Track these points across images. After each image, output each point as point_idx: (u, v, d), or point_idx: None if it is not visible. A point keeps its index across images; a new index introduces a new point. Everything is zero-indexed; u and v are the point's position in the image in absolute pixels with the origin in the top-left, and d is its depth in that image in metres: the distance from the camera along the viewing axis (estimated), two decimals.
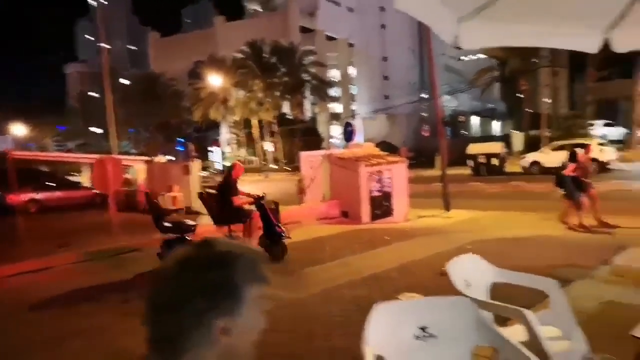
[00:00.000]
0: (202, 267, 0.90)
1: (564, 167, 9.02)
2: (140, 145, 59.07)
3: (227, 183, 7.40)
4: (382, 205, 11.52)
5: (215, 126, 54.66)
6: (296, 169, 38.26)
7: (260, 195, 7.44)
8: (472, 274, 2.61)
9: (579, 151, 9.25)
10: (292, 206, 12.24)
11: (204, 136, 56.44)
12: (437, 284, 5.31)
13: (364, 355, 1.73)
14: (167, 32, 77.57)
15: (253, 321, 0.94)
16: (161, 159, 19.42)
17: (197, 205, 15.91)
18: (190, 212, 15.00)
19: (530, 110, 36.44)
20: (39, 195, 18.10)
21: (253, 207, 7.23)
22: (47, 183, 19.64)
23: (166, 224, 7.08)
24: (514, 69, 34.77)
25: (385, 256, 6.94)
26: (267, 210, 7.25)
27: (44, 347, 4.28)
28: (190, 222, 7.33)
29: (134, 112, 53.38)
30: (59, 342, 4.37)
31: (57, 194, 19.01)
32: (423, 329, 1.91)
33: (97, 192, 19.31)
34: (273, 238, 7.05)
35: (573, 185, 8.63)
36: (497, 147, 24.34)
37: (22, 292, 6.35)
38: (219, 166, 49.50)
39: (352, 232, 9.37)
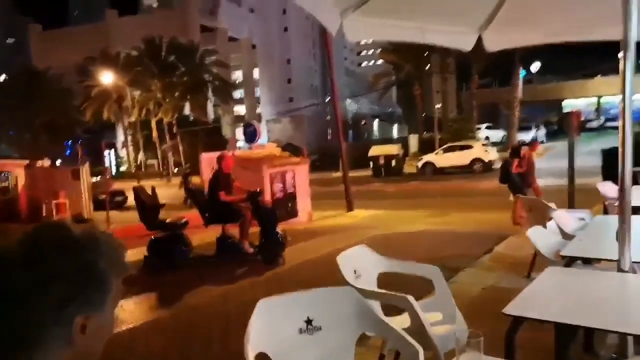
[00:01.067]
0: (60, 248, 0.75)
1: (506, 163, 8.88)
2: (22, 148, 53.50)
3: (216, 177, 6.69)
4: (285, 206, 11.51)
5: (109, 127, 51.24)
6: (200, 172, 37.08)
7: (256, 191, 6.76)
8: (361, 264, 2.64)
9: (523, 147, 9.27)
10: (193, 211, 11.79)
11: (96, 138, 52.57)
12: (336, 278, 5.39)
13: (245, 353, 1.64)
14: (52, 24, 71.41)
15: (111, 316, 0.82)
16: (45, 162, 17.66)
17: (87, 212, 14.86)
18: (81, 219, 13.86)
19: (424, 114, 38.86)
20: None
21: (245, 205, 6.57)
22: None
23: (156, 222, 6.62)
24: (408, 74, 36.83)
25: (288, 255, 6.90)
26: (264, 208, 6.63)
27: None
28: (182, 220, 6.84)
29: (14, 109, 48.25)
30: None
31: None
32: (308, 321, 1.87)
33: None
34: (270, 240, 6.45)
35: (520, 180, 8.57)
36: (395, 149, 25.59)
37: None
38: (113, 171, 46.43)
39: (254, 234, 9.23)
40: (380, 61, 52.99)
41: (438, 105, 39.78)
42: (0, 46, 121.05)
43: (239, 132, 57.10)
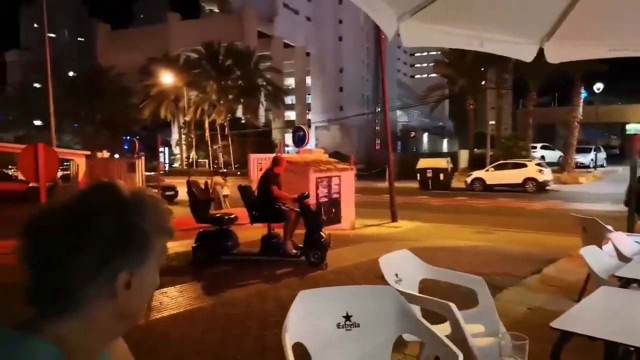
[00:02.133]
0: (108, 208, 0.78)
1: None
2: (84, 140, 56.55)
3: (267, 177, 6.82)
4: (329, 212, 11.53)
5: (165, 126, 53.26)
6: (248, 173, 37.88)
7: (305, 193, 6.89)
8: (403, 269, 2.61)
9: None
10: (239, 208, 12.04)
11: (152, 135, 54.76)
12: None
13: (283, 342, 1.66)
14: (117, 25, 75.20)
15: (153, 277, 0.85)
16: (104, 154, 18.58)
17: None
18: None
19: (476, 130, 37.95)
20: None
21: (292, 207, 6.70)
22: None
23: (206, 215, 6.84)
24: (462, 88, 36.11)
25: (328, 260, 6.91)
26: (310, 211, 6.72)
27: None
28: (231, 215, 7.05)
29: (79, 105, 51.15)
30: None
31: None
32: (347, 317, 1.87)
33: (32, 185, 18.26)
34: (313, 242, 6.49)
35: None
36: (444, 163, 25.13)
37: None
38: (166, 167, 48.21)
39: (297, 236, 9.29)
40: (434, 74, 52.35)
41: (492, 122, 38.77)
42: (70, 45, 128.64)
43: (288, 137, 57.94)
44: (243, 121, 49.56)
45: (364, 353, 1.86)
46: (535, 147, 33.82)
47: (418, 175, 24.88)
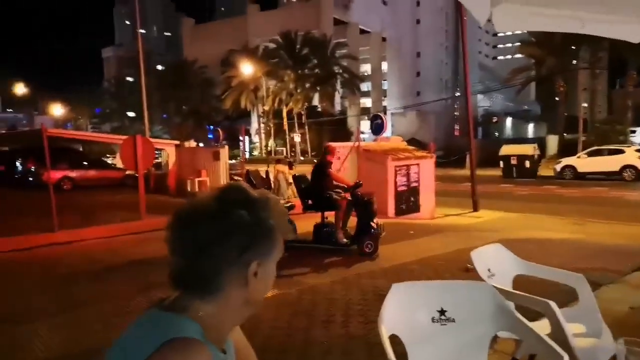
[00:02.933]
0: (242, 205, 0.89)
1: None
2: (172, 130, 60.16)
3: (320, 167, 6.84)
4: (408, 200, 11.40)
5: (245, 115, 55.14)
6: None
7: (357, 183, 6.76)
8: (496, 263, 2.54)
9: None
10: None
11: (233, 124, 56.98)
12: (459, 278, 5.23)
13: (380, 333, 1.70)
14: (201, 18, 78.53)
15: (274, 268, 0.95)
16: (191, 143, 19.64)
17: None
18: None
19: (566, 113, 35.42)
20: (72, 173, 18.63)
21: (344, 195, 6.64)
22: (80, 162, 20.19)
23: None
24: (551, 69, 33.78)
25: (408, 249, 6.86)
26: (361, 200, 6.58)
27: (59, 309, 4.41)
28: (288, 203, 7.22)
29: (166, 97, 54.37)
30: (79, 307, 4.49)
31: (90, 172, 19.53)
32: (442, 312, 1.87)
33: (129, 173, 19.80)
34: (364, 231, 6.40)
35: None
36: (529, 149, 23.76)
37: (53, 261, 6.58)
38: (246, 155, 49.96)
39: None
40: (518, 55, 49.38)
41: (584, 104, 35.98)
42: (158, 39, 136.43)
43: (364, 125, 57.64)
44: (319, 109, 50.03)
45: (460, 349, 1.85)
46: (634, 132, 30.96)
47: (501, 162, 23.75)
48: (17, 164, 21.10)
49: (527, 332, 1.87)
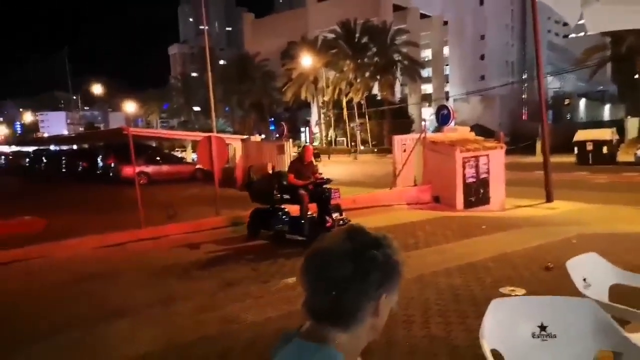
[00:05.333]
0: (373, 245, 0.99)
1: None
2: (234, 124, 61.98)
3: (292, 163, 7.59)
4: (477, 193, 11.14)
5: (305, 106, 55.71)
6: (384, 151, 38.11)
7: (318, 180, 7.27)
8: (592, 273, 2.48)
9: None
10: (382, 189, 12.24)
11: (294, 116, 57.80)
12: (540, 278, 5.10)
13: (482, 347, 1.74)
14: (260, 12, 79.76)
15: (395, 298, 1.04)
16: (256, 137, 20.17)
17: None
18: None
19: None
20: (148, 169, 19.73)
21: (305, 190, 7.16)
22: (154, 157, 21.32)
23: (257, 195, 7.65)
24: (630, 47, 31.33)
25: (482, 245, 6.73)
26: (319, 195, 7.10)
27: (155, 304, 4.76)
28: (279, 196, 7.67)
29: (229, 91, 55.93)
30: (170, 303, 4.83)
31: (164, 167, 20.61)
32: (542, 327, 1.88)
33: (199, 167, 20.69)
34: (318, 223, 6.93)
35: None
36: (607, 134, 22.31)
37: (143, 256, 7.09)
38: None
39: (445, 219, 9.19)
40: (592, 32, 46.04)
41: None
42: (220, 35, 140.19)
43: (425, 112, 56.41)
44: (379, 98, 49.55)
45: None
46: None
47: (575, 148, 22.49)
48: (98, 160, 22.65)
49: (630, 348, 1.84)
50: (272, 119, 54.13)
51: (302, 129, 56.84)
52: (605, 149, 21.68)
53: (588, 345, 1.89)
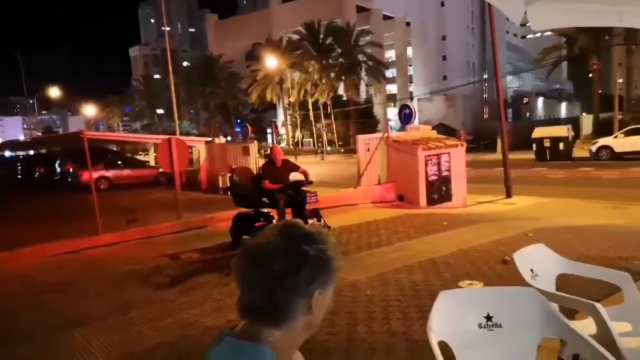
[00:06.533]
0: (305, 241, 0.97)
1: None
2: (199, 126, 61.12)
3: (263, 168, 7.26)
4: (439, 190, 11.34)
5: (271, 108, 55.49)
6: (351, 151, 38.39)
7: (292, 182, 7.01)
8: (539, 264, 2.56)
9: None
10: (347, 189, 12.31)
11: (260, 117, 57.48)
12: (497, 272, 5.23)
13: (429, 340, 1.76)
14: (224, 13, 79.00)
15: (330, 295, 1.03)
16: (221, 139, 19.94)
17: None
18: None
19: (601, 92, 34.25)
20: (108, 173, 19.21)
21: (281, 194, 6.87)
22: (115, 161, 20.77)
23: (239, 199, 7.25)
24: (584, 47, 32.64)
25: (443, 242, 6.86)
26: (295, 199, 6.79)
27: (113, 313, 4.62)
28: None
29: (193, 93, 55.13)
30: (127, 310, 4.70)
31: (125, 172, 20.09)
32: (488, 317, 1.91)
33: (162, 171, 20.28)
34: None
35: None
36: (563, 131, 23.13)
37: (100, 263, 6.88)
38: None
39: (409, 216, 9.31)
40: (548, 33, 47.83)
41: (619, 81, 34.71)
42: (183, 36, 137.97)
43: (390, 112, 57.13)
44: (345, 98, 49.87)
45: (508, 354, 1.89)
46: None
47: (534, 145, 23.21)
48: (56, 165, 21.88)
49: (573, 336, 1.90)
50: (238, 120, 53.65)
51: (269, 130, 56.57)
52: (561, 145, 22.46)
53: (533, 334, 1.94)
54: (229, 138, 32.65)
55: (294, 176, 7.37)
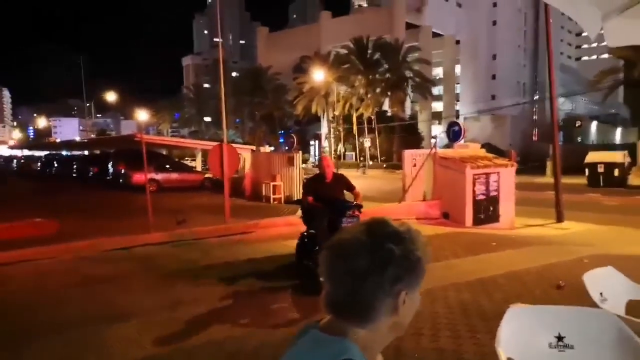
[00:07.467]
0: (392, 239, 0.95)
1: None
2: (245, 135, 62.34)
3: (310, 181, 6.31)
4: (487, 210, 11.06)
5: (315, 120, 55.90)
6: (393, 166, 38.07)
7: (337, 201, 5.76)
8: (609, 287, 2.44)
9: None
10: (391, 203, 12.20)
11: (304, 129, 58.04)
12: (551, 296, 5.03)
13: (498, 356, 1.71)
14: (274, 27, 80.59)
15: (418, 297, 1.00)
16: (266, 149, 20.25)
17: (298, 195, 16.55)
18: (290, 201, 15.60)
19: None
20: (158, 176, 19.85)
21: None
22: (165, 165, 21.45)
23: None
24: None
25: (492, 262, 6.66)
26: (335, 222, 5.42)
27: (165, 309, 4.74)
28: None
29: (241, 102, 56.38)
30: (176, 307, 4.81)
31: (173, 175, 20.70)
32: (559, 338, 1.84)
33: (207, 176, 20.78)
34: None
35: None
36: (619, 157, 22.12)
37: (150, 260, 7.10)
38: (315, 159, 50.62)
39: (455, 235, 9.12)
40: (605, 55, 46.14)
41: None
42: (233, 47, 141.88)
43: (435, 129, 56.43)
44: (389, 114, 49.63)
45: None
46: None
47: (586, 170, 22.29)
48: (109, 166, 22.84)
49: None
50: (282, 131, 54.39)
51: (312, 143, 56.97)
52: (616, 172, 21.48)
53: (607, 358, 1.85)
54: (272, 148, 33.13)
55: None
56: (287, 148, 20.55)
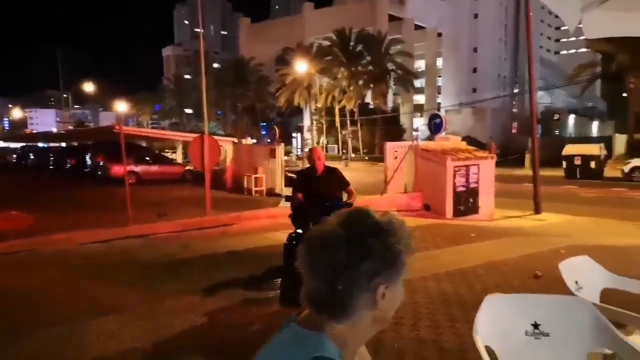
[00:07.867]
0: (370, 232, 0.93)
1: None
2: (227, 127, 61.87)
3: (299, 178, 5.65)
4: (467, 202, 11.19)
5: (297, 112, 55.77)
6: (375, 159, 38.23)
7: (334, 202, 5.02)
8: (584, 276, 2.49)
9: None
10: (373, 195, 12.25)
11: (286, 121, 57.85)
12: (528, 286, 5.11)
13: (476, 344, 1.73)
14: (257, 18, 79.79)
15: (401, 289, 0.98)
16: (248, 141, 20.12)
17: (280, 187, 16.50)
18: (272, 193, 15.54)
19: (636, 111, 33.32)
20: (137, 168, 19.55)
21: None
22: (144, 157, 21.14)
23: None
24: (620, 65, 31.84)
25: (471, 253, 6.75)
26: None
27: (145, 302, 4.69)
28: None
29: (222, 94, 55.83)
30: (157, 301, 4.76)
31: (153, 168, 20.42)
32: (535, 325, 1.87)
33: (188, 168, 20.56)
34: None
35: None
36: (595, 149, 22.59)
37: (130, 254, 7.00)
38: (298, 152, 50.51)
39: (435, 226, 9.21)
40: (583, 50, 46.90)
41: None
42: (215, 38, 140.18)
43: (417, 121, 56.76)
44: (372, 106, 49.77)
45: None
46: None
47: (564, 162, 22.73)
48: (87, 158, 22.42)
49: (625, 349, 1.83)
50: (265, 123, 54.10)
51: (294, 135, 56.83)
52: (593, 164, 21.94)
53: (582, 345, 1.88)
54: (254, 140, 32.94)
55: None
56: (269, 140, 20.48)
